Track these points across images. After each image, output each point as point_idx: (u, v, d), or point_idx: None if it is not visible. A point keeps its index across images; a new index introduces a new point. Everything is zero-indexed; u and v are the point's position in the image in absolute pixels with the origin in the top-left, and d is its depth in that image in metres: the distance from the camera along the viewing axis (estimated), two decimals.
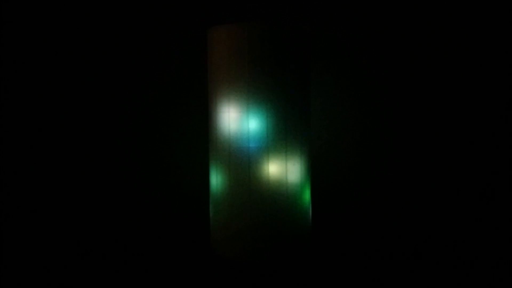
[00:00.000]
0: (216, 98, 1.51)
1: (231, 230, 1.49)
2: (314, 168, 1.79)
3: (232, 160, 1.47)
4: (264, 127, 1.45)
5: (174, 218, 1.98)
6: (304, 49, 1.53)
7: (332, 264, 1.48)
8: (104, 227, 1.87)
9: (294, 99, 1.50)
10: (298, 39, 1.50)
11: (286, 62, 1.46)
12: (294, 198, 1.51)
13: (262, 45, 1.43)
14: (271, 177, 1.47)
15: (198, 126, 1.96)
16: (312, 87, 1.89)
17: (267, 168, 1.46)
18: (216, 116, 1.52)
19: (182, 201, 2.03)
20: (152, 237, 1.75)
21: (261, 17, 2.01)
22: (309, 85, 1.59)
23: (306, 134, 1.56)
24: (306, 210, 1.58)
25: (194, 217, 1.94)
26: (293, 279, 1.36)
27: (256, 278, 1.37)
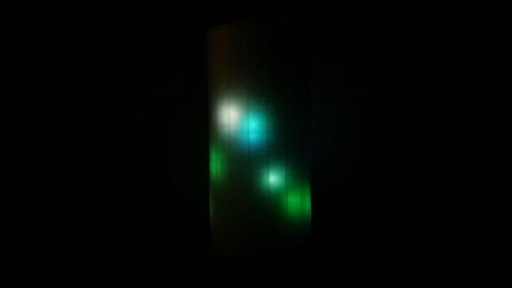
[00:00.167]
0: (216, 98, 1.51)
1: (231, 230, 1.49)
2: (314, 168, 1.79)
3: (232, 160, 1.47)
4: (264, 127, 1.45)
5: (174, 218, 1.97)
6: (304, 49, 1.53)
7: (332, 264, 1.48)
8: (104, 227, 1.87)
9: (294, 99, 1.49)
10: (298, 40, 1.50)
11: (286, 62, 1.46)
12: (294, 198, 1.51)
13: (262, 45, 1.43)
14: (271, 177, 1.47)
15: (198, 126, 1.96)
16: (312, 87, 1.89)
17: (267, 167, 1.46)
18: (216, 116, 1.52)
19: (182, 201, 2.03)
20: (152, 237, 1.75)
21: (261, 17, 2.01)
22: (309, 85, 1.59)
23: (306, 134, 1.56)
24: (306, 211, 1.58)
25: (194, 217, 1.94)
26: (293, 279, 1.36)
27: (256, 278, 1.37)
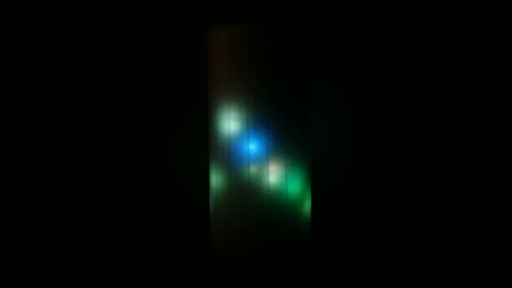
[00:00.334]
0: (216, 98, 1.51)
1: (231, 230, 1.49)
2: (314, 168, 1.79)
3: (232, 160, 1.47)
4: (264, 127, 1.45)
5: (174, 218, 1.98)
6: (304, 49, 1.53)
7: (332, 264, 1.48)
8: (104, 227, 1.87)
9: (294, 99, 1.49)
10: (298, 39, 1.50)
11: (286, 62, 1.46)
12: (294, 199, 1.51)
13: (262, 45, 1.43)
14: (271, 177, 1.47)
15: (198, 126, 1.96)
16: (312, 87, 1.89)
17: (267, 168, 1.46)
18: (216, 116, 1.52)
19: (182, 201, 2.03)
20: (152, 237, 1.75)
21: (261, 17, 2.01)
22: (309, 85, 1.59)
23: (306, 134, 1.56)
24: (306, 210, 1.58)
25: (194, 217, 1.94)
26: (293, 279, 1.36)
27: (256, 278, 1.37)
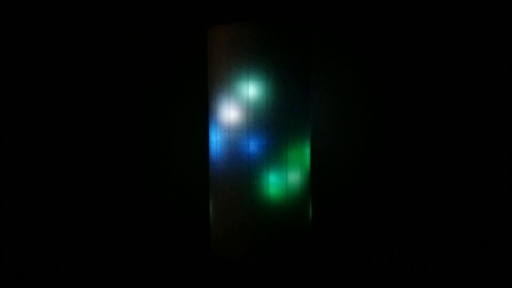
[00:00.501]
0: (216, 98, 1.51)
1: (231, 230, 1.49)
2: (314, 168, 1.79)
3: (232, 160, 1.47)
4: (264, 127, 1.45)
5: (174, 218, 1.98)
6: (304, 49, 1.53)
7: (332, 264, 1.48)
8: (104, 227, 1.87)
9: (294, 99, 1.49)
10: (299, 39, 1.50)
11: (287, 62, 1.46)
12: (294, 198, 1.51)
13: (262, 45, 1.43)
14: (272, 176, 1.47)
15: (198, 126, 1.96)
16: (312, 87, 1.89)
17: (267, 167, 1.46)
18: (216, 116, 1.52)
19: (182, 201, 2.03)
20: (152, 237, 1.75)
21: (261, 17, 2.01)
22: (309, 84, 1.59)
23: (307, 133, 1.56)
24: (306, 210, 1.58)
25: (194, 217, 1.94)
26: (293, 279, 1.36)
27: (256, 278, 1.37)
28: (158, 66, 2.03)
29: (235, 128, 1.47)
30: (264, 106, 1.45)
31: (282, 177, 1.48)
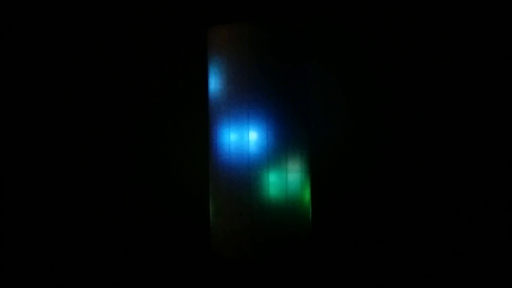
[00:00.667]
0: (216, 98, 1.51)
1: (231, 230, 1.48)
2: (314, 168, 1.79)
3: (232, 160, 1.47)
4: (264, 127, 1.45)
5: (174, 218, 1.97)
6: (304, 49, 1.53)
7: (332, 264, 1.48)
8: (104, 227, 1.87)
9: (294, 99, 1.49)
10: (299, 39, 1.50)
11: (287, 62, 1.46)
12: (295, 198, 1.51)
13: (262, 45, 1.43)
14: (272, 176, 1.47)
15: (198, 126, 1.96)
16: (312, 87, 1.89)
17: (267, 167, 1.46)
18: (216, 116, 1.52)
19: (182, 201, 2.03)
20: (152, 237, 1.75)
21: (261, 17, 2.01)
22: (309, 85, 1.59)
23: (307, 133, 1.56)
24: (306, 210, 1.58)
25: (194, 217, 1.93)
26: (293, 279, 1.36)
27: (256, 278, 1.37)
28: (158, 66, 2.03)
29: (235, 127, 1.47)
30: (264, 106, 1.45)
31: (282, 177, 1.48)
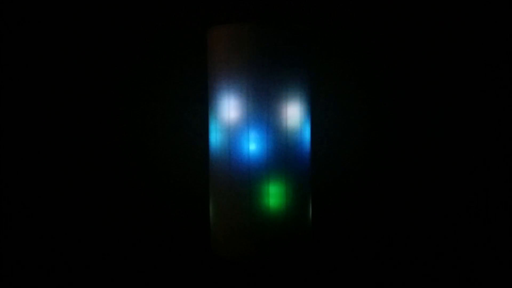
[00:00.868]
0: (216, 98, 1.51)
1: (231, 230, 1.49)
2: (314, 167, 1.79)
3: (232, 160, 1.47)
4: (264, 127, 1.45)
5: (174, 218, 1.97)
6: (304, 49, 1.53)
7: (332, 264, 1.48)
8: (104, 227, 1.87)
9: (294, 99, 1.49)
10: (299, 39, 1.50)
11: (287, 62, 1.46)
12: (294, 198, 1.51)
13: (262, 45, 1.43)
14: (271, 177, 1.47)
15: (198, 126, 1.96)
16: (312, 87, 1.89)
17: (267, 167, 1.46)
18: (216, 116, 1.52)
19: (182, 201, 2.03)
20: (151, 237, 1.75)
21: (261, 17, 2.01)
22: (309, 85, 1.59)
23: (307, 133, 1.56)
24: (306, 210, 1.58)
25: (194, 217, 1.94)
26: (293, 279, 1.36)
27: (256, 278, 1.37)
28: (158, 66, 2.03)
29: (235, 128, 1.47)
30: (264, 106, 1.45)
31: (282, 176, 1.48)
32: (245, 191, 1.46)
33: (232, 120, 1.46)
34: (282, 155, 1.47)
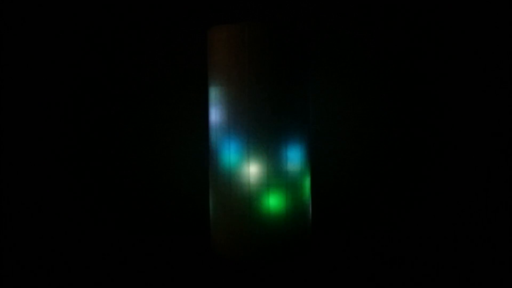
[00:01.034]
0: (216, 98, 1.51)
1: (231, 230, 1.49)
2: (314, 168, 1.79)
3: (232, 159, 1.47)
4: (264, 127, 1.45)
5: (174, 218, 1.97)
6: (304, 49, 1.53)
7: (332, 264, 1.48)
8: (104, 227, 1.87)
9: (294, 99, 1.49)
10: (299, 39, 1.50)
11: (287, 63, 1.46)
12: (294, 198, 1.51)
13: (262, 45, 1.43)
14: (271, 177, 1.47)
15: (198, 126, 1.96)
16: (312, 87, 1.89)
17: (267, 167, 1.46)
18: (216, 116, 1.52)
19: (182, 201, 2.03)
20: (152, 237, 1.75)
21: (261, 17, 2.01)
22: (309, 85, 1.59)
23: (306, 133, 1.56)
24: (306, 211, 1.58)
25: (194, 217, 1.94)
26: (293, 279, 1.36)
27: (256, 278, 1.37)
28: (158, 66, 2.03)
29: (235, 127, 1.46)
30: (264, 106, 1.45)
31: (282, 177, 1.48)
32: (245, 190, 1.46)
33: (232, 120, 1.46)
34: (282, 154, 1.47)
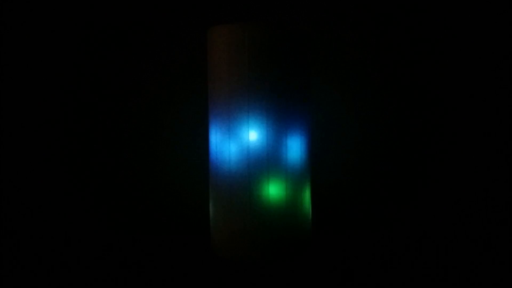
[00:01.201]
0: (216, 98, 1.51)
1: (231, 230, 1.48)
2: (314, 167, 1.79)
3: (232, 159, 1.47)
4: (264, 127, 1.45)
5: (174, 218, 1.98)
6: (304, 49, 1.53)
7: (332, 264, 1.48)
8: (105, 227, 1.87)
9: (294, 99, 1.49)
10: (298, 39, 1.50)
11: (286, 62, 1.46)
12: (294, 198, 1.51)
13: (262, 45, 1.43)
14: (271, 177, 1.47)
15: (198, 126, 1.96)
16: (312, 87, 1.89)
17: (267, 167, 1.46)
18: (216, 116, 1.52)
19: (182, 201, 2.03)
20: (152, 237, 1.75)
21: (261, 17, 2.01)
22: (309, 84, 1.59)
23: (306, 133, 1.56)
24: (306, 210, 1.58)
25: (194, 217, 1.94)
26: (293, 279, 1.36)
27: (256, 278, 1.37)
28: (158, 66, 2.03)
29: (236, 127, 1.47)
30: (264, 106, 1.45)
31: (282, 177, 1.48)
32: (245, 190, 1.46)
33: (232, 119, 1.46)
34: (282, 154, 1.47)
